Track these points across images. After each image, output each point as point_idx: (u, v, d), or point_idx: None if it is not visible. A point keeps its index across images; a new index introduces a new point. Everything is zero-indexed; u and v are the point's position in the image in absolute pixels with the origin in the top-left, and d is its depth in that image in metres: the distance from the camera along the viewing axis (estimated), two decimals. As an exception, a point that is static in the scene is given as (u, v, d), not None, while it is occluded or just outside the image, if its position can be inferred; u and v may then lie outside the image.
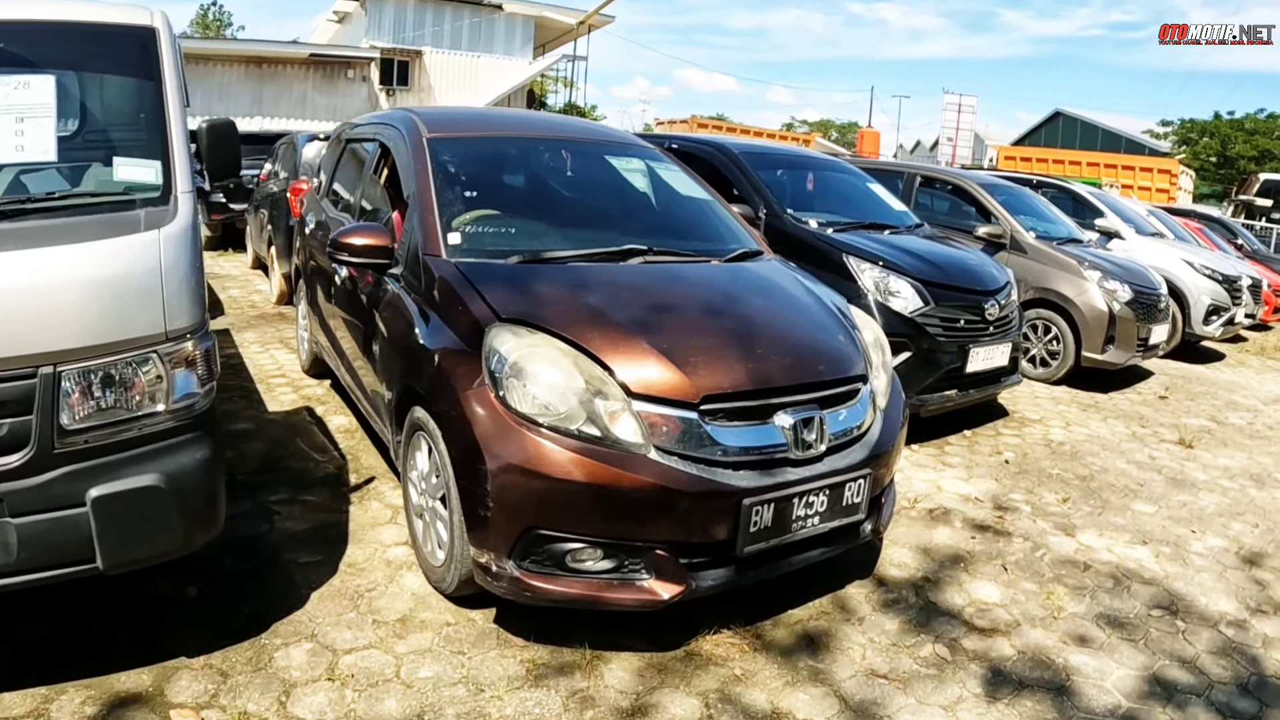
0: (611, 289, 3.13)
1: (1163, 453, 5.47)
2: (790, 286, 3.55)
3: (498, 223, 3.59)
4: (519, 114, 5.27)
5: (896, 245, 5.21)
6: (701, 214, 4.21)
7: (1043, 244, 7.21)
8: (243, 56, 29.21)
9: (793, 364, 2.91)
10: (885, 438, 3.07)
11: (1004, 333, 5.24)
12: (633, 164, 4.43)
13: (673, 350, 2.75)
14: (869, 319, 3.55)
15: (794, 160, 6.59)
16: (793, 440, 2.72)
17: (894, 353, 4.52)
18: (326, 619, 2.80)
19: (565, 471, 2.49)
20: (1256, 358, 10.10)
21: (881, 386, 3.24)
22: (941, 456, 4.95)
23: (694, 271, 3.53)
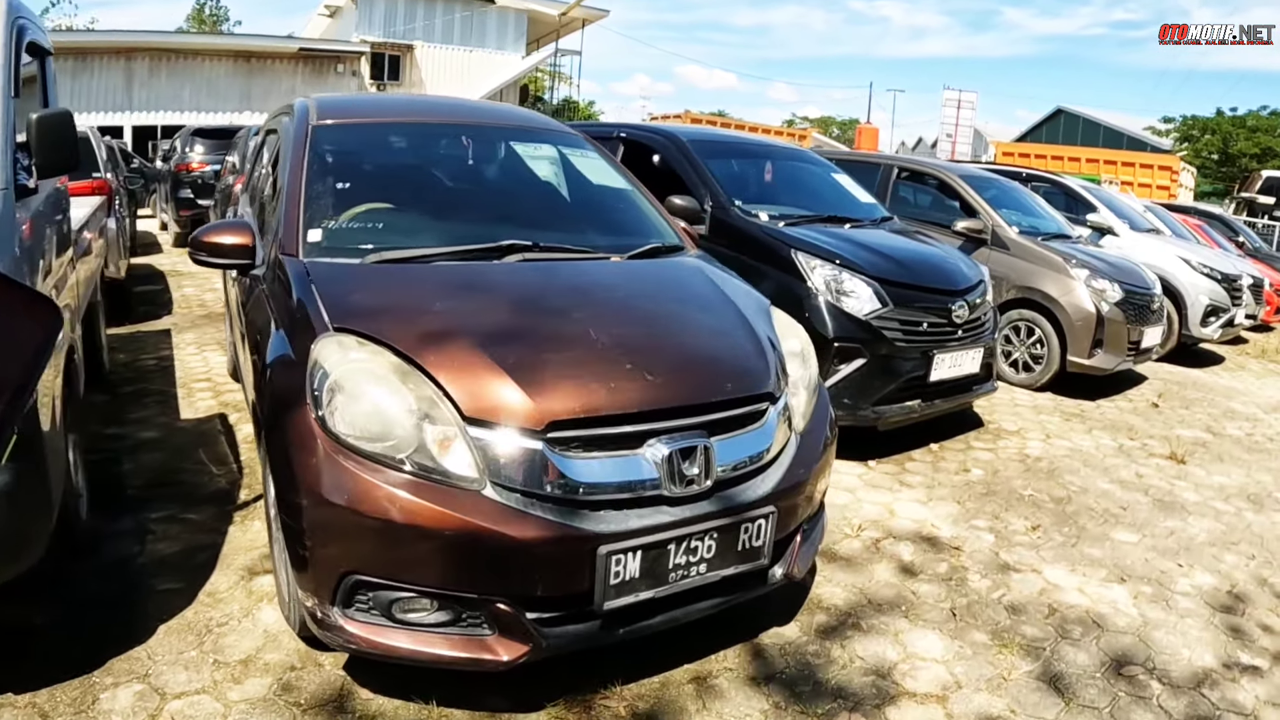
0: (470, 292, 2.71)
1: (1151, 469, 4.95)
2: (699, 287, 3.09)
3: (369, 217, 3.19)
4: (429, 99, 4.83)
5: (855, 240, 4.71)
6: (613, 205, 3.81)
7: (1026, 240, 6.69)
8: (231, 51, 28.88)
9: (672, 382, 2.42)
10: (800, 467, 2.59)
11: (975, 337, 4.73)
12: (541, 151, 4.00)
13: (519, 365, 2.29)
14: (794, 326, 3.07)
15: (750, 149, 6.08)
16: (667, 474, 2.24)
17: (847, 359, 4.07)
18: (166, 656, 2.49)
19: (383, 510, 2.08)
20: (1257, 361, 9.58)
21: (801, 405, 2.76)
22: (900, 474, 4.44)
23: (579, 271, 3.07)
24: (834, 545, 3.57)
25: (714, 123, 28.17)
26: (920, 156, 23.45)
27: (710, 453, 2.33)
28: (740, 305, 2.99)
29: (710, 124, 28.04)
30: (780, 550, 2.61)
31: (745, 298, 3.10)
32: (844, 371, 4.27)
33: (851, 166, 7.77)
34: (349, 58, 28.99)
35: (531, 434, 2.18)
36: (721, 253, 4.69)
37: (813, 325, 4.28)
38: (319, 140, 3.34)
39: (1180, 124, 40.29)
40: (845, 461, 4.50)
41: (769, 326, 2.93)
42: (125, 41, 27.10)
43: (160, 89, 27.79)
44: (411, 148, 3.82)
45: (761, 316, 2.98)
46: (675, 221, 3.78)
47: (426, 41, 29.90)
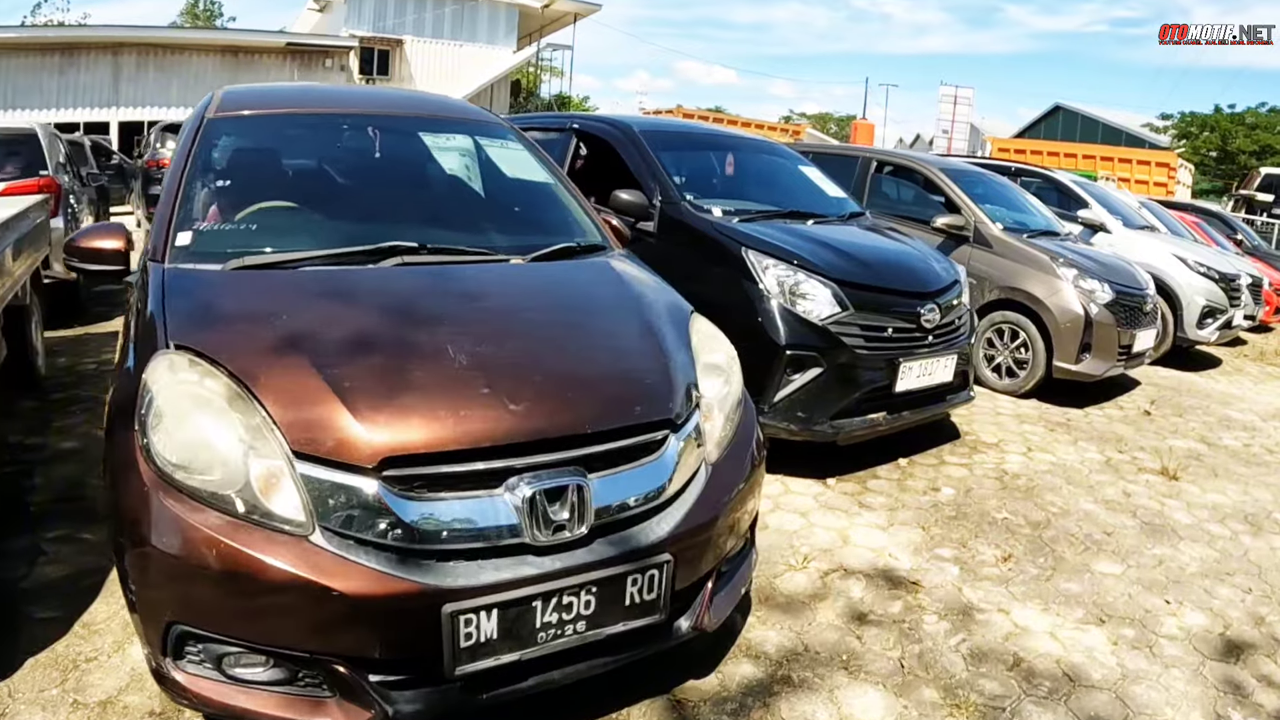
0: (330, 303, 2.36)
1: (1141, 486, 4.55)
2: (604, 293, 2.75)
3: (248, 218, 2.91)
4: (344, 89, 4.44)
5: (815, 238, 4.30)
6: (527, 201, 3.48)
7: (1011, 237, 6.28)
8: (219, 46, 28.62)
9: (539, 410, 2.04)
10: (710, 504, 2.21)
11: (947, 342, 4.32)
12: (454, 141, 3.67)
13: (357, 391, 1.94)
14: (716, 338, 2.68)
15: (710, 140, 5.68)
16: (529, 519, 1.89)
17: (801, 369, 3.68)
18: (27, 695, 2.30)
19: (202, 555, 1.81)
20: (1255, 364, 9.17)
21: (716, 430, 2.38)
22: (861, 494, 4.03)
23: (464, 276, 2.70)
24: (775, 579, 3.17)
25: (706, 118, 27.74)
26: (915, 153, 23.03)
27: (585, 493, 1.96)
28: (651, 314, 2.61)
29: (704, 119, 27.63)
30: (687, 599, 2.22)
31: (660, 304, 2.71)
32: (798, 382, 3.87)
33: (828, 160, 7.40)
34: (337, 52, 28.63)
35: (363, 472, 1.84)
36: (671, 251, 4.33)
37: (764, 331, 3.90)
38: (210, 134, 3.10)
39: (1178, 121, 39.84)
40: (800, 480, 4.10)
41: (683, 338, 2.54)
42: (112, 37, 26.83)
43: (148, 85, 27.47)
44: (310, 140, 3.51)
45: (676, 326, 2.59)
46: (601, 218, 3.41)
47: (416, 36, 29.55)
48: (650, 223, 4.54)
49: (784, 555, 3.37)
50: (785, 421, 3.90)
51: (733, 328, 4.05)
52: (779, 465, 4.19)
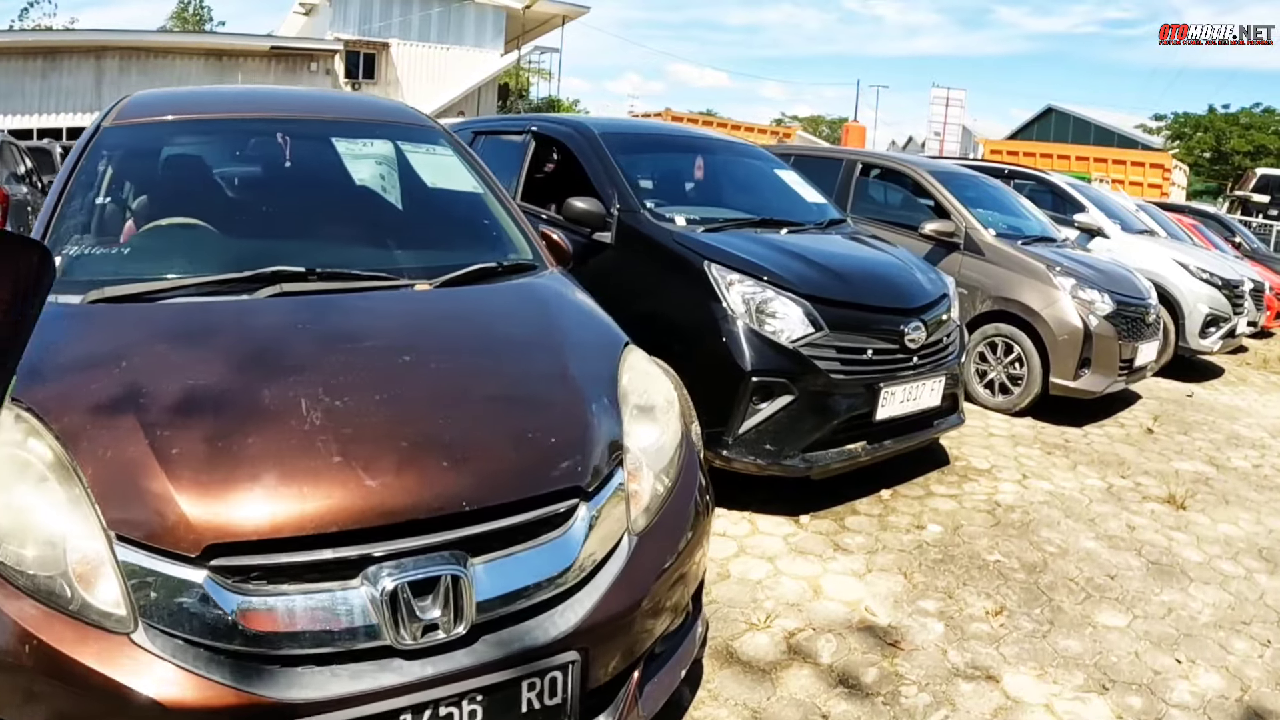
0: (182, 345, 2.01)
1: (1145, 518, 4.16)
2: (516, 326, 2.37)
3: (128, 241, 2.61)
4: (255, 91, 4.10)
5: (788, 249, 3.92)
6: (448, 214, 3.17)
7: (1004, 244, 5.91)
8: (202, 49, 28.32)
9: (404, 483, 1.66)
10: (632, 585, 1.83)
11: (934, 363, 3.94)
12: (371, 148, 3.30)
13: (185, 460, 1.60)
14: (653, 376, 2.30)
15: (678, 143, 5.28)
16: (390, 618, 1.55)
17: (769, 397, 3.29)
18: None
19: (11, 649, 1.48)
20: (1259, 372, 8.81)
21: (645, 492, 1.99)
22: (838, 534, 3.64)
23: (350, 308, 2.31)
24: (734, 641, 2.78)
25: (695, 120, 27.39)
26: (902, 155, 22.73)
27: (463, 584, 1.59)
28: (569, 350, 2.24)
29: (692, 122, 27.28)
30: (608, 695, 1.84)
31: (585, 337, 2.37)
32: (766, 411, 3.48)
33: (812, 163, 7.03)
34: (322, 56, 28.30)
35: (187, 561, 1.50)
36: (629, 265, 3.95)
37: (728, 354, 3.51)
38: (101, 145, 2.80)
39: (1172, 121, 39.56)
40: (770, 518, 3.71)
41: (609, 379, 2.15)
42: (96, 40, 26.57)
43: (131, 89, 26.68)
44: (211, 150, 3.17)
45: (601, 364, 2.21)
46: (543, 231, 3.05)
47: (402, 39, 29.22)
48: (607, 233, 4.16)
49: (745, 611, 2.98)
50: (752, 455, 3.52)
51: (694, 351, 3.73)
52: (747, 500, 3.81)
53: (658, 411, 2.18)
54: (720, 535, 3.55)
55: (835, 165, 6.84)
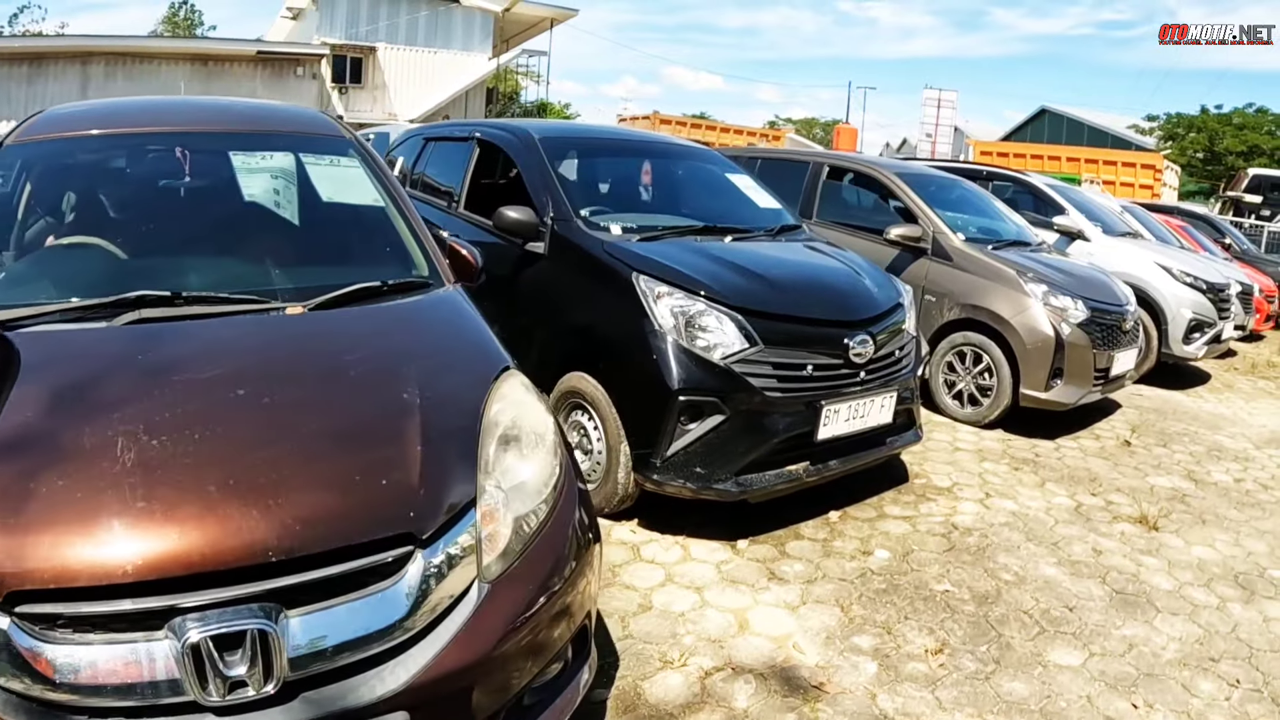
0: (21, 379, 1.88)
1: (1114, 541, 3.91)
2: (378, 355, 2.19)
3: (7, 263, 2.51)
4: (162, 104, 3.85)
5: (727, 259, 3.67)
6: (343, 230, 3.02)
7: (973, 249, 5.65)
8: (188, 54, 28.15)
9: (211, 530, 1.55)
10: (477, 637, 1.68)
11: (885, 379, 3.69)
12: (270, 161, 3.10)
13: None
14: (525, 405, 2.10)
15: (624, 147, 5.02)
16: (196, 672, 1.46)
17: (697, 417, 3.05)
18: None
19: None
20: (1246, 377, 8.56)
21: (504, 536, 1.81)
22: (775, 561, 3.39)
23: (200, 337, 2.16)
24: (644, 681, 2.54)
25: (684, 124, 27.21)
26: (886, 158, 22.56)
27: (272, 639, 1.49)
28: (430, 380, 2.06)
29: (681, 125, 27.12)
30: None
31: (453, 365, 2.23)
32: (695, 432, 3.23)
33: (779, 166, 6.81)
34: (308, 60, 28.05)
35: None
36: (561, 278, 3.73)
37: (655, 372, 3.27)
38: None
39: (1165, 122, 39.35)
40: (704, 543, 3.46)
41: (472, 411, 1.97)
42: (81, 45, 26.44)
43: (116, 94, 26.87)
44: (106, 167, 2.99)
45: (468, 394, 2.04)
46: (451, 244, 2.87)
47: (390, 43, 29.01)
48: (541, 244, 3.92)
49: (663, 647, 2.73)
50: (681, 478, 3.27)
51: (622, 368, 3.48)
52: (682, 524, 3.56)
53: (526, 445, 1.98)
54: (649, 562, 3.31)
55: (801, 168, 6.60)
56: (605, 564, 3.25)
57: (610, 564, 3.29)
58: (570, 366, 3.71)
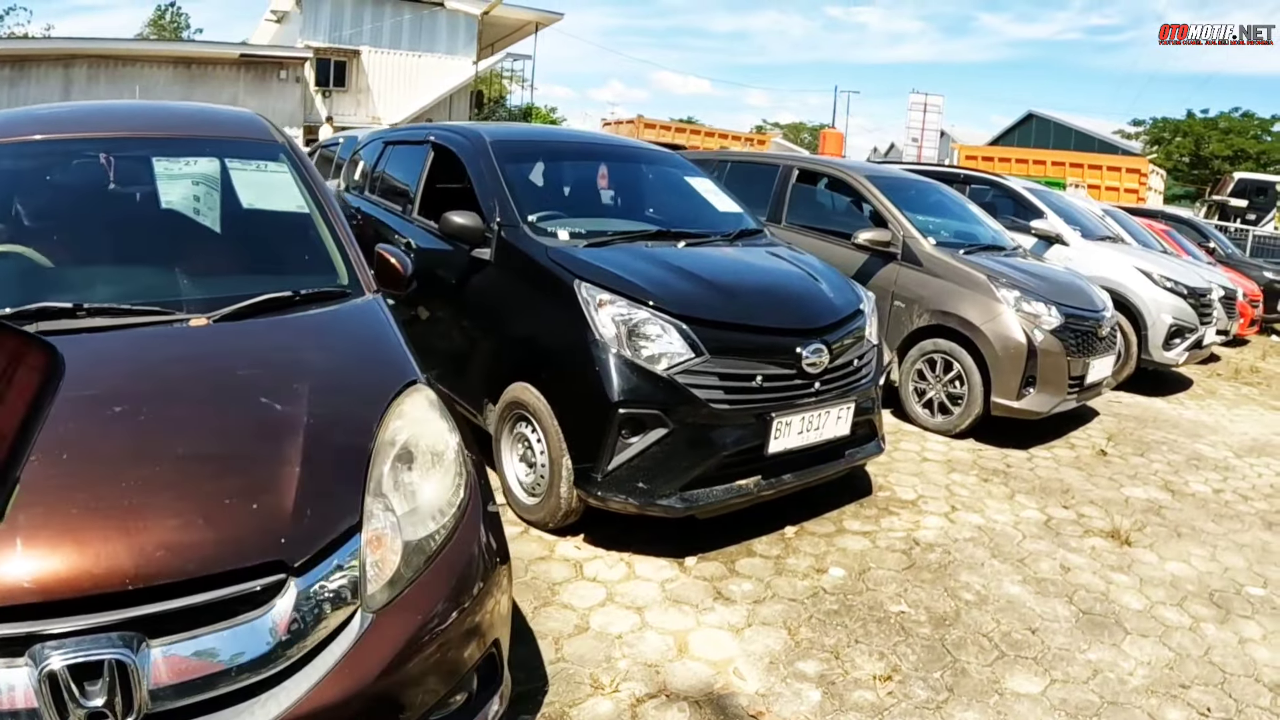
0: None
1: (1084, 557, 3.75)
2: (277, 370, 2.08)
3: None
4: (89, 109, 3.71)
5: (675, 265, 3.50)
6: (262, 239, 2.93)
7: (943, 254, 5.50)
8: (170, 57, 27.94)
9: (69, 555, 1.48)
10: (357, 668, 1.60)
11: (841, 389, 3.52)
12: (193, 166, 2.98)
13: None
14: (426, 424, 1.97)
15: (578, 150, 4.84)
16: (54, 702, 1.39)
17: (641, 430, 2.89)
18: None
19: None
20: (1229, 383, 8.43)
21: (391, 562, 1.71)
22: (724, 580, 3.21)
23: (90, 351, 2.03)
24: (571, 709, 2.37)
25: (669, 128, 27.10)
26: (857, 161, 22.45)
27: (132, 670, 1.42)
28: (327, 396, 1.95)
29: (665, 130, 27.01)
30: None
31: (353, 382, 2.11)
32: (637, 446, 3.06)
33: (748, 169, 6.67)
34: (291, 63, 27.86)
35: None
36: (506, 285, 3.57)
37: (596, 383, 3.10)
38: None
39: (1151, 126, 39.43)
40: (650, 560, 3.29)
41: (365, 430, 1.86)
42: (64, 48, 26.23)
43: (99, 97, 26.77)
44: (26, 175, 2.84)
45: (362, 412, 1.93)
46: (379, 253, 2.73)
47: (374, 46, 28.84)
48: (487, 250, 3.75)
49: (595, 671, 2.56)
50: (623, 494, 3.10)
51: (563, 379, 3.30)
52: (628, 540, 3.39)
53: (423, 464, 1.87)
54: (591, 580, 3.15)
55: (771, 172, 6.44)
56: (545, 582, 3.10)
57: (550, 582, 3.12)
58: (515, 377, 3.54)
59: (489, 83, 36.33)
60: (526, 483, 3.57)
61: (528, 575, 3.17)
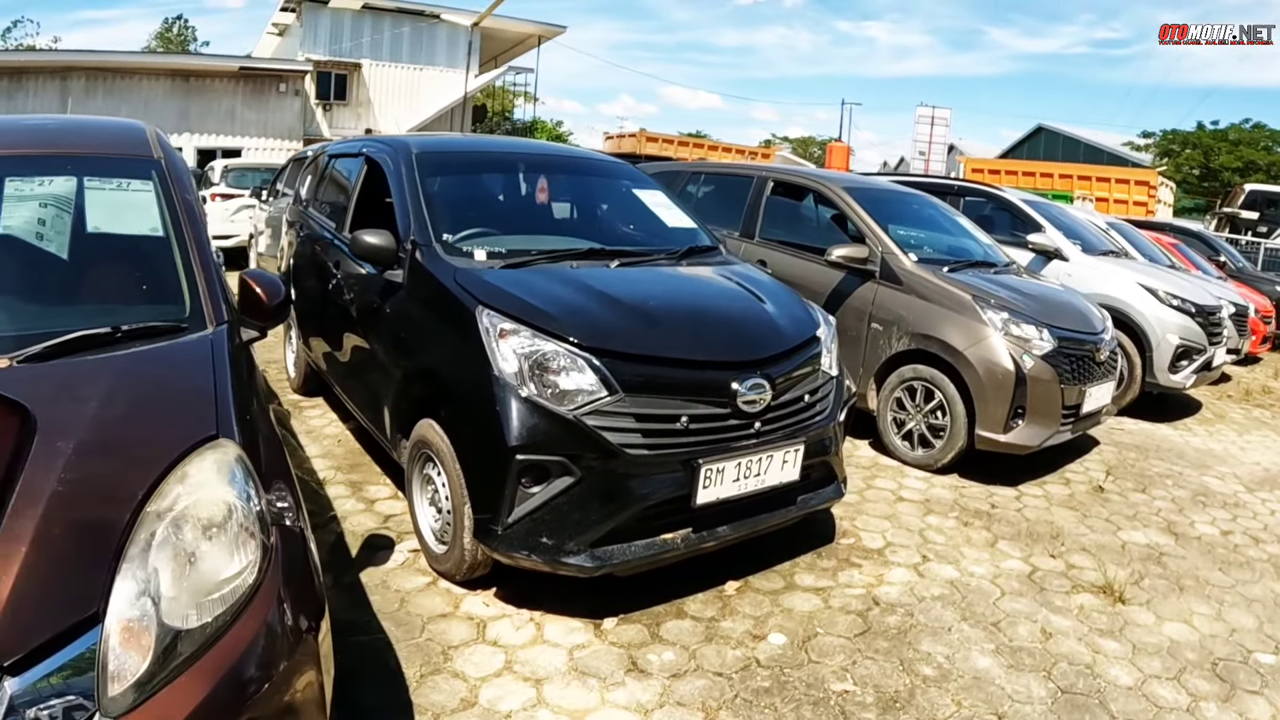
0: None
1: (1070, 619, 3.29)
2: (54, 422, 1.75)
3: None
4: None
5: (597, 289, 3.09)
6: (106, 266, 2.64)
7: (925, 271, 5.05)
8: (168, 70, 27.87)
9: None
10: None
11: (790, 429, 3.09)
12: (47, 187, 2.68)
13: None
14: (212, 491, 1.66)
15: (513, 161, 4.42)
16: None
17: (544, 479, 2.49)
18: None
19: None
20: (1240, 406, 7.93)
21: (143, 656, 1.44)
22: (643, 647, 2.78)
23: None
24: None
25: (671, 141, 26.76)
26: (817, 171, 22.03)
27: None
28: (95, 457, 1.68)
29: (668, 143, 26.68)
30: None
31: (134, 437, 1.80)
32: (539, 497, 2.65)
33: (723, 181, 6.27)
34: (291, 76, 27.72)
35: None
36: (415, 313, 3.21)
37: (495, 425, 2.68)
38: None
39: (1160, 138, 38.85)
40: (564, 621, 2.87)
41: (130, 498, 1.58)
42: (61, 61, 26.20)
43: (96, 110, 26.68)
44: None
45: (132, 476, 1.63)
46: (246, 280, 2.46)
47: (374, 59, 28.70)
48: (400, 271, 3.36)
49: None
50: (525, 550, 2.68)
51: (464, 419, 2.86)
52: (542, 596, 2.98)
53: (196, 539, 1.56)
54: (491, 644, 2.74)
55: (745, 184, 6.03)
56: (440, 645, 2.73)
57: (446, 645, 2.72)
58: (422, 413, 3.16)
59: (497, 97, 36.15)
60: (436, 529, 3.17)
61: (422, 636, 2.77)
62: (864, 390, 5.10)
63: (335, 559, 3.33)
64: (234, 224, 11.54)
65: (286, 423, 5.08)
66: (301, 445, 4.68)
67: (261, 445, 1.94)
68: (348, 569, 3.25)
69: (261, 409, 2.26)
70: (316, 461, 4.43)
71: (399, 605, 2.98)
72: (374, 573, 3.22)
